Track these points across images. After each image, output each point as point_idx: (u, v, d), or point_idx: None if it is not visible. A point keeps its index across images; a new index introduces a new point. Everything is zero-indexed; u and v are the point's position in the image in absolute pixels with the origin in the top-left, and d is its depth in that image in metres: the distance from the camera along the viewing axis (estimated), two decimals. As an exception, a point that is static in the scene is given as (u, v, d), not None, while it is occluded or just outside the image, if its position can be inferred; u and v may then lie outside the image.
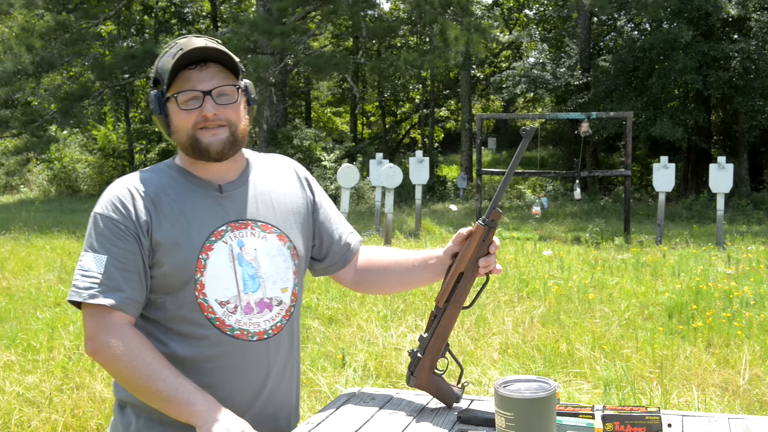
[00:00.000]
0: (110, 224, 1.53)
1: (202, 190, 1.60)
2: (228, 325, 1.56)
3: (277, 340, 1.63)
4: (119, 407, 1.64)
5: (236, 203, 1.62)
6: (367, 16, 21.12)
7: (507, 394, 1.25)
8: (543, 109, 27.99)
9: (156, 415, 1.55)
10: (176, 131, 1.57)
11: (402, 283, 1.79)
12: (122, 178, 1.62)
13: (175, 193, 1.58)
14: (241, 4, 26.95)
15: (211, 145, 1.55)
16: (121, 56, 17.65)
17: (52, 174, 23.91)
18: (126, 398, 1.60)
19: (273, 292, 1.61)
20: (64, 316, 5.63)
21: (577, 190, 13.27)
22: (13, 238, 10.92)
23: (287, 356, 1.67)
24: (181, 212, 1.56)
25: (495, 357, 4.55)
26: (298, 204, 1.72)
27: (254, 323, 1.59)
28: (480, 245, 1.56)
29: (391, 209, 11.19)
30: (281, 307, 1.63)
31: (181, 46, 1.54)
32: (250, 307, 1.58)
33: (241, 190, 1.63)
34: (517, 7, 31.57)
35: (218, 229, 1.57)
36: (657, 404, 3.63)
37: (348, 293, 6.06)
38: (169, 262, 1.53)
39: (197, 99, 1.53)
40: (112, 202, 1.55)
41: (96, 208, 1.57)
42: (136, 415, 1.59)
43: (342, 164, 14.29)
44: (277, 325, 1.62)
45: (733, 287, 6.44)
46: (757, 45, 18.63)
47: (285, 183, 1.72)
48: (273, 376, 1.63)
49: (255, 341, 1.59)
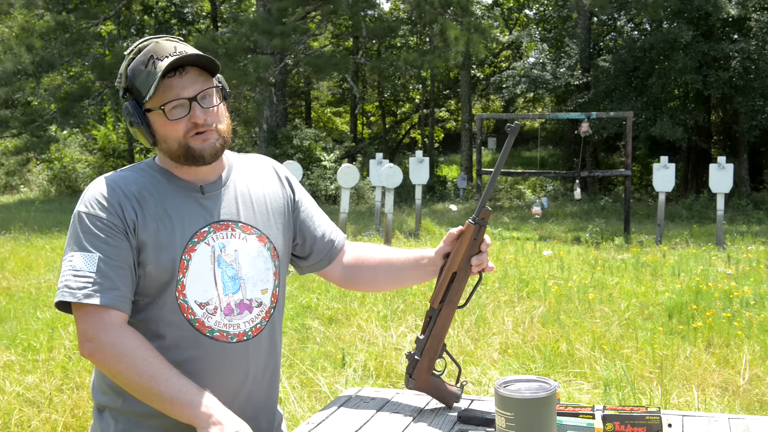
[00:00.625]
0: (98, 222, 1.50)
1: (184, 191, 1.58)
2: (208, 327, 1.55)
3: (257, 341, 1.62)
4: (98, 411, 1.62)
5: (218, 204, 1.60)
6: (367, 16, 21.12)
7: (507, 394, 1.25)
8: (543, 109, 27.99)
9: (135, 418, 1.54)
10: (164, 141, 1.54)
11: (392, 282, 1.79)
12: (103, 176, 1.59)
13: (158, 194, 1.56)
14: (241, 4, 26.95)
15: (205, 151, 1.53)
16: (121, 56, 17.58)
17: (52, 174, 23.90)
18: (105, 402, 1.59)
19: (253, 294, 1.61)
20: (64, 316, 5.62)
21: (577, 190, 13.27)
22: (13, 238, 10.92)
23: (267, 357, 1.66)
24: (165, 212, 1.54)
25: (495, 357, 4.55)
26: (279, 203, 1.71)
27: (234, 325, 1.58)
28: (472, 244, 1.57)
29: (391, 209, 11.20)
30: (261, 308, 1.62)
31: (152, 53, 1.50)
32: (230, 308, 1.57)
33: (222, 191, 1.62)
34: (517, 7, 31.57)
35: (201, 230, 1.56)
36: (657, 404, 3.64)
37: (348, 293, 6.06)
38: (153, 262, 1.52)
39: (184, 107, 1.51)
40: (96, 200, 1.52)
41: (79, 207, 1.53)
42: (115, 420, 1.57)
43: (342, 164, 14.30)
44: (257, 327, 1.61)
45: (733, 287, 6.44)
46: (757, 45, 18.62)
47: (265, 182, 1.71)
48: (252, 377, 1.62)
49: (234, 343, 1.58)
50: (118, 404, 1.56)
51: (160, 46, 1.51)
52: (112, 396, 1.57)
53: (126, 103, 1.53)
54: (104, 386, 1.60)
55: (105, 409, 1.59)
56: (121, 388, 1.53)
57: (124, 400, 1.55)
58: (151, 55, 1.50)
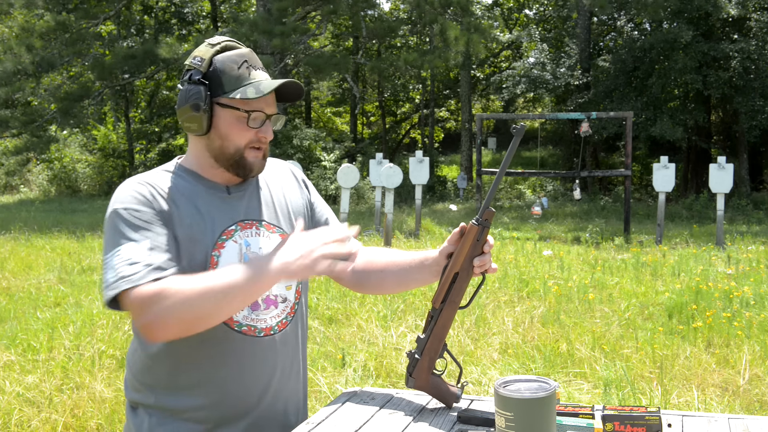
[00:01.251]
0: (138, 214, 1.51)
1: (212, 191, 1.63)
2: (236, 321, 1.59)
3: (283, 336, 1.66)
4: (131, 408, 1.66)
5: (242, 204, 1.66)
6: (367, 16, 21.12)
7: (507, 394, 1.25)
8: (543, 109, 28.00)
9: (167, 413, 1.58)
10: (223, 138, 1.58)
11: (399, 284, 1.81)
12: (133, 177, 1.62)
13: (188, 192, 1.61)
14: (241, 4, 26.95)
15: (255, 165, 1.62)
16: (121, 56, 17.66)
17: (52, 174, 23.90)
18: (138, 399, 1.63)
19: (278, 290, 1.65)
20: (64, 316, 5.63)
21: (577, 190, 13.27)
22: (13, 238, 10.92)
23: (294, 352, 1.71)
24: (196, 210, 1.59)
25: (495, 357, 4.55)
26: (298, 204, 1.78)
27: (261, 319, 1.62)
28: (474, 245, 1.57)
29: (391, 209, 11.19)
30: (286, 303, 1.67)
31: (246, 58, 1.58)
32: (257, 303, 1.62)
33: (246, 192, 1.68)
34: (517, 7, 31.57)
35: (229, 228, 1.61)
36: (657, 404, 3.64)
37: (348, 293, 6.06)
38: (187, 257, 1.55)
39: (260, 120, 1.58)
40: (131, 195, 1.54)
41: (114, 206, 1.54)
42: (149, 415, 1.61)
43: (342, 164, 14.29)
44: (283, 322, 1.66)
45: (733, 287, 6.44)
46: (757, 45, 18.63)
47: (285, 185, 1.78)
48: (281, 371, 1.66)
49: (262, 337, 1.62)
50: (151, 401, 1.60)
51: (254, 56, 1.61)
52: (145, 393, 1.61)
53: (200, 87, 1.55)
54: (137, 384, 1.64)
55: (138, 406, 1.63)
56: (153, 384, 1.60)
57: (156, 397, 1.59)
58: (246, 60, 1.58)
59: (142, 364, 1.63)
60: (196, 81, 1.56)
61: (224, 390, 1.58)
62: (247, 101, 1.55)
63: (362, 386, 2.62)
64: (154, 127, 25.58)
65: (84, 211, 16.77)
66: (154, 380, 1.62)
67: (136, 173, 1.82)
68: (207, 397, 1.59)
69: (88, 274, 7.73)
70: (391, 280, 1.79)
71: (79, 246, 10.00)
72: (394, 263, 1.78)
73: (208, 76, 1.57)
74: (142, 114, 26.60)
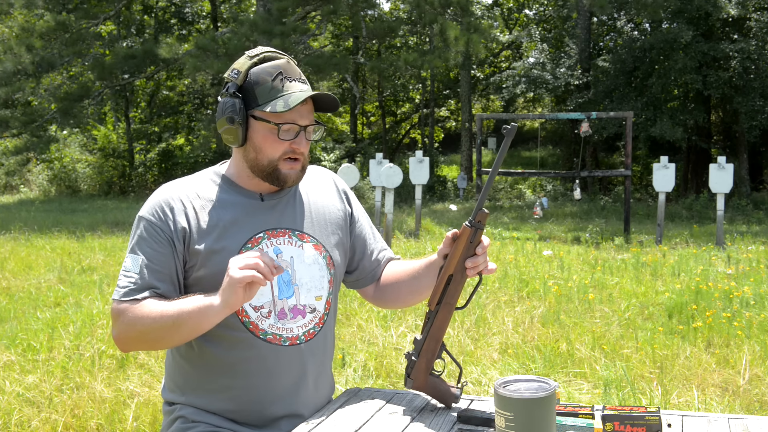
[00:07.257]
0: (149, 227, 1.59)
1: (244, 199, 1.65)
2: (261, 329, 1.61)
3: (310, 346, 1.67)
4: (167, 405, 1.73)
5: (275, 212, 1.67)
6: (367, 16, 21.11)
7: (507, 394, 1.25)
8: (543, 109, 28.00)
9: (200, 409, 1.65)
10: (258, 151, 1.61)
11: (413, 293, 1.80)
12: (170, 183, 1.67)
13: (219, 202, 1.63)
14: (241, 4, 26.94)
15: (289, 177, 1.63)
16: (121, 56, 17.65)
17: (52, 174, 23.89)
18: (172, 399, 1.70)
19: (307, 300, 1.66)
20: (64, 316, 5.63)
21: (576, 190, 13.27)
22: (13, 238, 10.92)
23: (321, 362, 1.71)
24: (222, 220, 1.61)
25: (495, 357, 4.55)
26: (337, 216, 1.78)
27: (287, 329, 1.63)
28: (467, 247, 1.57)
29: (391, 209, 11.20)
30: (315, 314, 1.67)
31: (282, 69, 1.58)
32: (284, 312, 1.63)
33: (282, 200, 1.69)
34: (517, 7, 31.58)
35: (255, 236, 1.62)
36: (657, 404, 3.64)
37: (348, 293, 6.06)
38: (208, 266, 1.59)
39: (293, 131, 1.60)
40: (154, 207, 1.61)
41: (141, 211, 1.64)
42: (182, 407, 1.68)
43: (342, 164, 14.29)
44: (310, 332, 1.67)
45: (733, 287, 6.44)
46: (756, 45, 18.63)
47: (324, 194, 1.78)
48: (307, 381, 1.67)
49: (287, 346, 1.63)
50: (182, 400, 1.67)
51: (290, 67, 1.61)
52: (177, 393, 1.70)
53: (235, 99, 1.58)
54: (172, 385, 1.71)
55: (173, 403, 1.71)
56: (183, 384, 1.67)
57: (186, 397, 1.66)
58: (281, 72, 1.58)
59: (176, 365, 1.69)
60: (231, 94, 1.59)
61: (250, 396, 1.61)
62: (278, 114, 1.56)
63: (362, 386, 2.62)
64: (154, 127, 25.55)
65: (84, 211, 16.76)
66: (186, 382, 1.67)
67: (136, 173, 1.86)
68: (233, 402, 1.63)
69: (88, 274, 7.72)
70: (405, 291, 1.80)
71: (79, 246, 10.00)
72: (405, 273, 1.79)
73: (244, 88, 1.59)
74: (142, 114, 26.57)
